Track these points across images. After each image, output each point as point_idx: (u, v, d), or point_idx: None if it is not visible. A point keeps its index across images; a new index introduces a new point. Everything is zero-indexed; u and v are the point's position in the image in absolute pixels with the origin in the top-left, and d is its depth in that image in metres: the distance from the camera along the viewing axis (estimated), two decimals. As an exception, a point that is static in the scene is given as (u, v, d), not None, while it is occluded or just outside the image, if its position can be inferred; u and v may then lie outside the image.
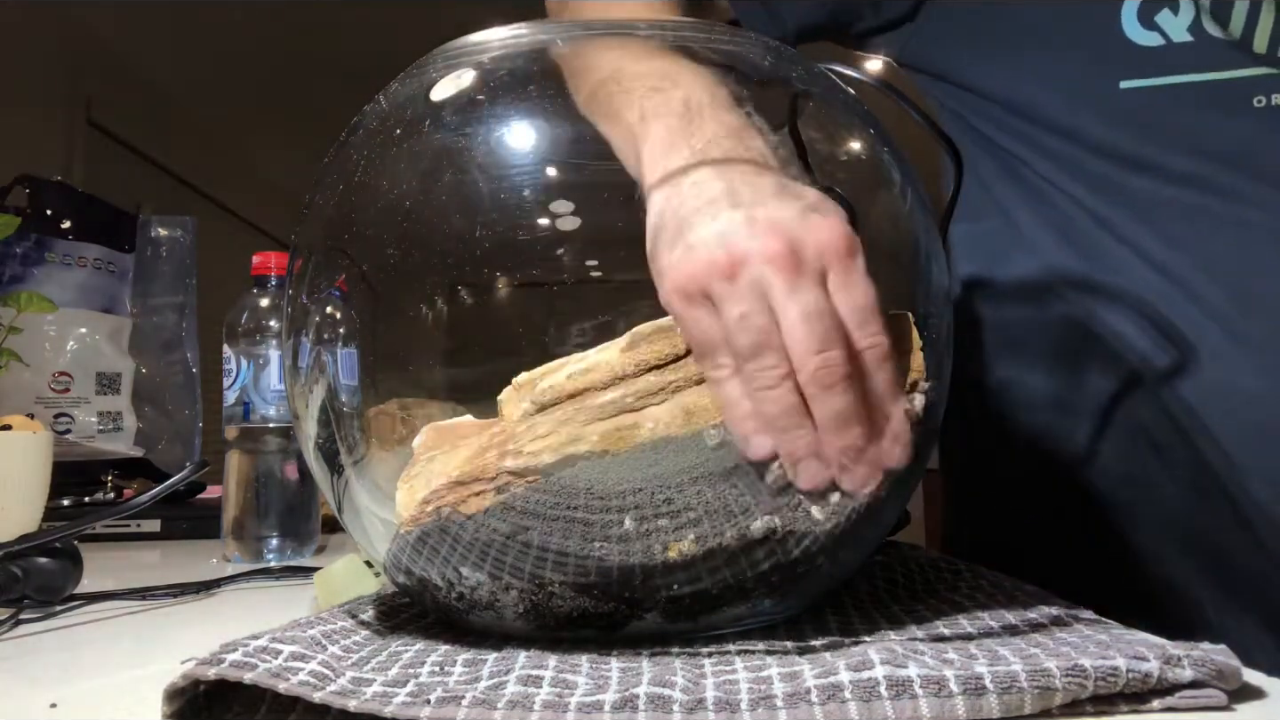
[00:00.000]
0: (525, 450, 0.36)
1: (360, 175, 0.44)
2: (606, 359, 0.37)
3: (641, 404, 0.36)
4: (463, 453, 0.38)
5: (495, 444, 0.37)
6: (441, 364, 0.43)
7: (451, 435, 0.39)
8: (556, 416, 0.36)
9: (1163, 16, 0.57)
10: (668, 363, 0.36)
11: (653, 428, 0.36)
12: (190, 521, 0.99)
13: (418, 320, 0.41)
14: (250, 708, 0.31)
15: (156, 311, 1.28)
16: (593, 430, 0.35)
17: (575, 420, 0.36)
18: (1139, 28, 0.57)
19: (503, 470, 0.36)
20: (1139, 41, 0.57)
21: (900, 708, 0.29)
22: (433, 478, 0.38)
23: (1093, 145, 0.60)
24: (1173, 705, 0.30)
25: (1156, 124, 0.57)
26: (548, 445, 0.36)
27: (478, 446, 0.37)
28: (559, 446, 0.35)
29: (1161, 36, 0.57)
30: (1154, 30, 0.57)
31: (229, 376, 0.79)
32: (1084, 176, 0.61)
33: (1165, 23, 0.57)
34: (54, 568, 0.55)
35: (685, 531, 0.36)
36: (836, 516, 0.37)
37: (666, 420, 0.36)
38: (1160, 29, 0.57)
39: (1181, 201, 0.57)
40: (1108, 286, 0.60)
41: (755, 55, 0.45)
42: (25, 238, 1.14)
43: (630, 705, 0.29)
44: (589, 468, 0.35)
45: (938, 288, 0.44)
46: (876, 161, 0.46)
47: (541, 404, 0.36)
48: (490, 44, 0.43)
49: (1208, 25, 0.56)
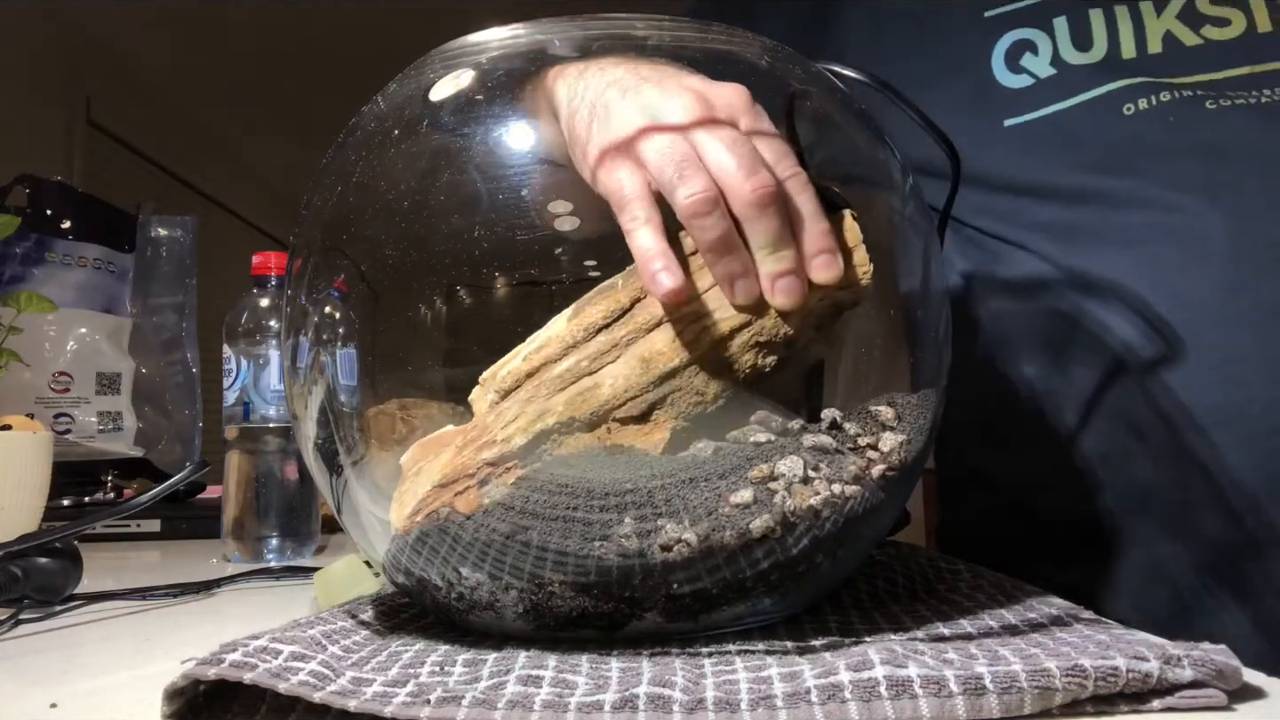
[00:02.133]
0: (498, 439, 0.36)
1: (359, 176, 0.44)
2: (555, 332, 0.37)
3: (597, 365, 0.36)
4: (444, 457, 0.38)
5: (470, 440, 0.37)
6: (440, 364, 0.43)
7: (435, 446, 0.39)
8: (520, 398, 0.36)
9: (1026, 59, 0.62)
10: (614, 320, 0.37)
11: (613, 384, 0.36)
12: (190, 521, 0.99)
13: (417, 320, 0.41)
14: (250, 708, 0.31)
15: (156, 311, 1.28)
16: (556, 401, 0.36)
17: (538, 397, 0.36)
18: (1008, 73, 0.62)
19: (481, 463, 0.36)
20: (1010, 85, 0.62)
21: (900, 708, 0.28)
22: (420, 489, 0.38)
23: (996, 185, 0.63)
24: (1173, 705, 0.30)
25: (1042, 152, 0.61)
26: (518, 427, 0.36)
27: (455, 448, 0.37)
28: (528, 426, 0.36)
29: (1030, 76, 0.61)
30: (1021, 73, 0.62)
31: (229, 376, 0.79)
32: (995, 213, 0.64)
33: (1029, 64, 0.62)
34: (54, 568, 0.55)
35: (685, 530, 0.36)
36: (830, 505, 0.37)
37: (625, 374, 0.36)
38: (1027, 70, 0.62)
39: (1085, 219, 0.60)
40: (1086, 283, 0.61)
41: (753, 55, 0.44)
42: (25, 238, 1.14)
43: (630, 705, 0.29)
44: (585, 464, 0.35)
45: (936, 286, 0.44)
46: (874, 161, 0.46)
47: (504, 390, 0.37)
48: (488, 44, 0.43)
49: (1067, 55, 0.61)
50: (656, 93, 0.38)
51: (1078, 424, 0.61)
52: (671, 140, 0.36)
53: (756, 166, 0.36)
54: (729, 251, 0.36)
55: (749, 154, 0.36)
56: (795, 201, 0.36)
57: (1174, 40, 0.61)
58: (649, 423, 0.36)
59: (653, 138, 0.36)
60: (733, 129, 0.37)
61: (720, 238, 0.35)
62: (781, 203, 0.36)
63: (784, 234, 0.36)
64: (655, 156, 0.36)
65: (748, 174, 0.35)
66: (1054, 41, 0.61)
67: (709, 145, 0.36)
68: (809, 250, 0.36)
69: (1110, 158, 0.59)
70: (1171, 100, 0.59)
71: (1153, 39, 0.60)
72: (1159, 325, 0.57)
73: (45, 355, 1.13)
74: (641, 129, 0.37)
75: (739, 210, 0.36)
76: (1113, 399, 0.60)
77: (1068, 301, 0.61)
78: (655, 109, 0.37)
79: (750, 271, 0.36)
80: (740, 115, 0.37)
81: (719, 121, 0.36)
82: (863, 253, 0.38)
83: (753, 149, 0.36)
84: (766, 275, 0.36)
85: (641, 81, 0.38)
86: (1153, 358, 0.58)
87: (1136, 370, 0.58)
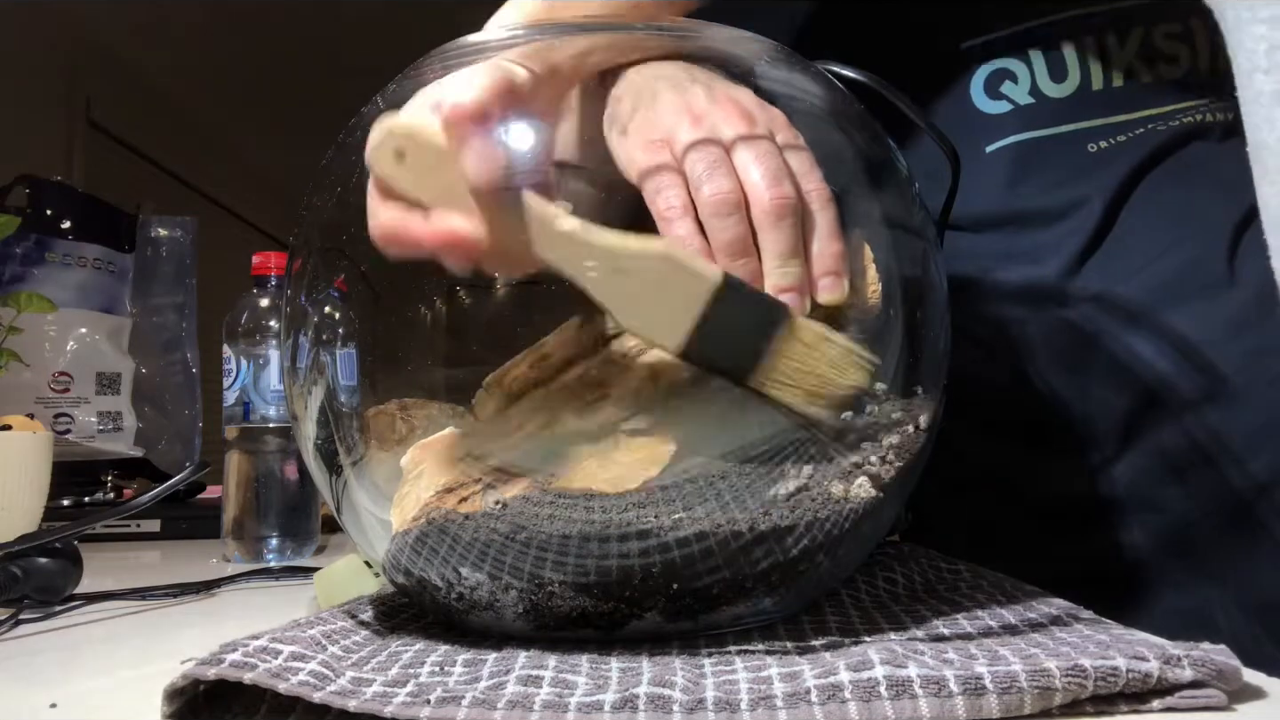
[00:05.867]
0: (504, 445, 0.36)
1: (359, 176, 0.44)
2: (564, 339, 0.37)
3: (604, 374, 0.36)
4: (445, 461, 0.38)
5: (473, 447, 0.37)
6: (440, 364, 0.43)
7: (436, 448, 0.39)
8: (525, 406, 0.36)
9: (1006, 86, 0.65)
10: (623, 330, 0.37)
11: (619, 394, 0.36)
12: (190, 521, 0.99)
13: (416, 320, 0.41)
14: (250, 708, 0.31)
15: (156, 311, 1.28)
16: (562, 410, 0.36)
17: (545, 406, 0.36)
18: (986, 99, 0.65)
19: (487, 469, 0.36)
20: (990, 111, 0.65)
21: (900, 708, 0.28)
22: (421, 494, 0.38)
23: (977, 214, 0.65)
24: (1173, 705, 0.30)
25: (1020, 175, 0.64)
26: (524, 435, 0.36)
27: (461, 455, 0.37)
28: (535, 434, 0.36)
29: (1009, 103, 0.64)
30: (1001, 99, 0.65)
31: (229, 376, 0.79)
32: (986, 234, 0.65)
33: (1009, 91, 0.64)
34: (54, 568, 0.55)
35: (685, 528, 0.36)
36: None
37: (633, 386, 0.36)
38: (1006, 96, 0.64)
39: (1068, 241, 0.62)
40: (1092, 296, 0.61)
41: (753, 55, 0.44)
42: (25, 238, 1.14)
43: (630, 705, 0.29)
44: None
45: (937, 287, 0.44)
46: (874, 162, 0.45)
47: (509, 396, 0.37)
48: (488, 44, 0.43)
49: (1045, 88, 0.63)
50: (703, 95, 0.39)
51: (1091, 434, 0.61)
52: (708, 140, 0.38)
53: (781, 179, 0.37)
54: (741, 255, 0.36)
55: (777, 167, 0.37)
56: (816, 218, 0.37)
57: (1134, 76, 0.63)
58: (656, 435, 0.36)
59: (692, 133, 0.38)
60: (769, 142, 0.38)
61: (735, 239, 0.36)
62: (798, 217, 0.37)
63: (796, 248, 0.37)
64: (691, 151, 0.38)
65: (771, 184, 0.37)
66: (1031, 72, 0.64)
67: (741, 152, 0.38)
68: (818, 269, 0.37)
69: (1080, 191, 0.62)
70: (1127, 140, 0.62)
71: (1116, 75, 0.63)
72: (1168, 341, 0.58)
73: (45, 355, 1.13)
74: (683, 122, 0.38)
75: (756, 217, 0.37)
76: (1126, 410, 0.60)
77: (1079, 313, 0.62)
78: (699, 109, 0.39)
79: (757, 278, 0.36)
80: (779, 130, 0.39)
81: (756, 135, 0.38)
82: (873, 272, 0.39)
83: (782, 164, 0.38)
84: (772, 286, 0.36)
85: (692, 82, 0.40)
86: (1162, 376, 0.58)
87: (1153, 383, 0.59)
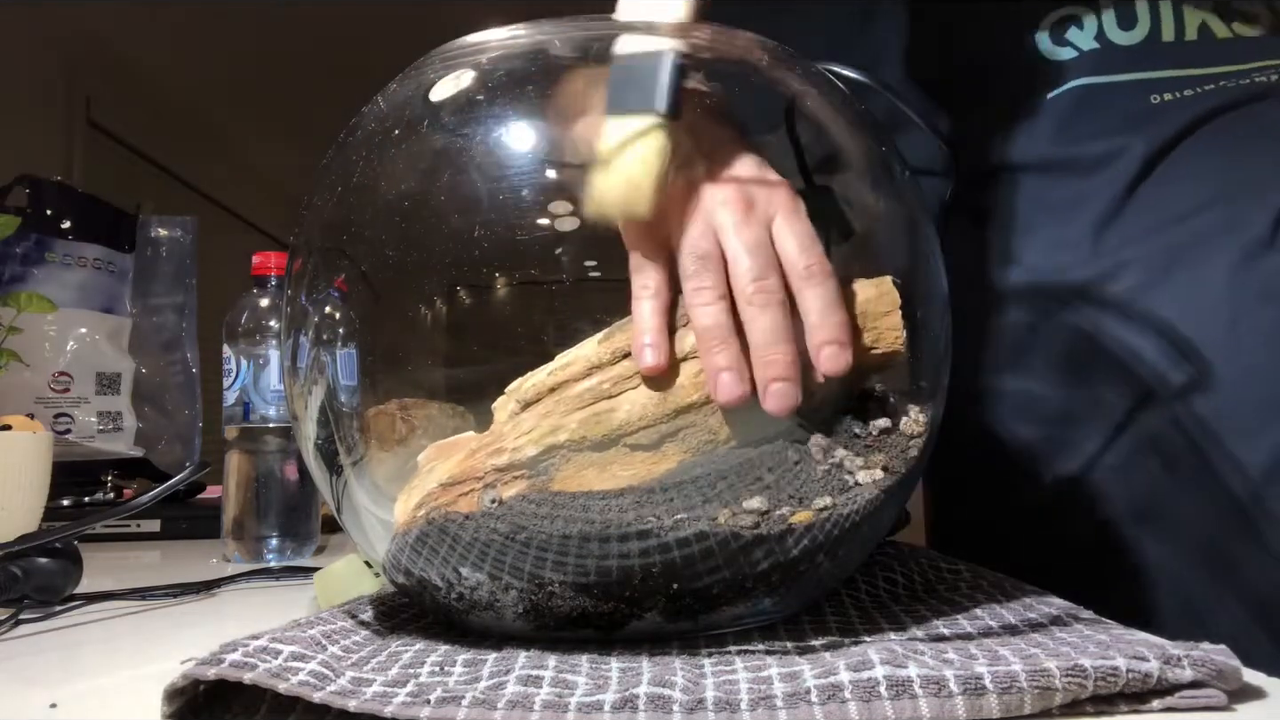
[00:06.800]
0: (509, 447, 0.36)
1: (359, 176, 0.44)
2: (584, 352, 0.38)
3: (618, 389, 0.37)
4: (457, 458, 0.38)
5: (484, 445, 0.37)
6: (440, 364, 0.43)
7: (452, 449, 0.39)
8: (538, 411, 0.37)
9: (1071, 33, 0.65)
10: None
11: (629, 410, 0.36)
12: (190, 521, 0.99)
13: (417, 320, 0.41)
14: (250, 708, 0.31)
15: (156, 311, 1.28)
16: (571, 419, 0.36)
17: (555, 412, 0.37)
18: (1052, 45, 0.66)
19: (490, 468, 0.36)
20: (1054, 57, 0.65)
21: (900, 708, 0.28)
22: (429, 486, 0.38)
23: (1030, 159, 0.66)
24: (1173, 705, 0.30)
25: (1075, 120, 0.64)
26: (530, 439, 0.36)
27: (469, 451, 0.38)
28: (540, 438, 0.36)
29: (1074, 49, 0.65)
30: (1066, 45, 0.65)
31: (229, 376, 0.79)
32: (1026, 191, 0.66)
33: (1074, 37, 0.65)
34: (54, 568, 0.55)
35: (685, 528, 0.36)
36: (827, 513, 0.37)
37: (643, 402, 0.36)
38: (1071, 43, 0.65)
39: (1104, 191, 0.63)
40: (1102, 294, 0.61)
41: (753, 56, 0.44)
42: (25, 238, 1.14)
43: (630, 705, 0.29)
44: None
45: (937, 288, 0.44)
46: (874, 162, 0.45)
47: (525, 402, 0.37)
48: (488, 45, 0.43)
49: (1111, 34, 0.64)
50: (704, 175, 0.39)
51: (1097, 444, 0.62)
52: (701, 233, 0.38)
53: (768, 273, 0.37)
54: (720, 342, 0.36)
55: (766, 261, 0.37)
56: (812, 291, 0.37)
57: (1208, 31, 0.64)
58: (658, 453, 0.36)
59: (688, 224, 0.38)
60: (760, 228, 0.38)
61: (714, 326, 0.36)
62: (782, 306, 0.37)
63: (782, 331, 0.36)
64: (683, 242, 0.38)
65: (755, 276, 0.37)
66: (1099, 18, 0.65)
67: (731, 243, 0.38)
68: (816, 340, 0.37)
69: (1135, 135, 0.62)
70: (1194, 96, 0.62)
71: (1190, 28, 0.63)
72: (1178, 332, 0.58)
73: (45, 355, 1.13)
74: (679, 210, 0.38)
75: (742, 306, 0.37)
76: (1128, 407, 0.60)
77: (1083, 315, 0.62)
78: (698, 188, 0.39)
79: (735, 368, 0.36)
80: (779, 209, 0.39)
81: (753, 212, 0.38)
82: (896, 318, 0.39)
83: (771, 257, 0.38)
84: (760, 379, 0.36)
85: (699, 157, 0.40)
86: (1169, 366, 0.58)
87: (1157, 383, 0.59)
